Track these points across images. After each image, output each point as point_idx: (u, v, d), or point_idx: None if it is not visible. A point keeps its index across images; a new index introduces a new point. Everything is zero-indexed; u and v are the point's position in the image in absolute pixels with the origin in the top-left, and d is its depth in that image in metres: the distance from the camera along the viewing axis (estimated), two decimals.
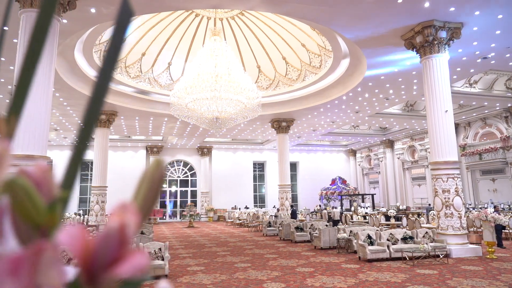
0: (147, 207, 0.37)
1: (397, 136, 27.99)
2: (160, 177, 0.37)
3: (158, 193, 0.37)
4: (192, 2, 9.35)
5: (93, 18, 9.60)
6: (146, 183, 0.37)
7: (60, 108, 17.60)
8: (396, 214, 18.32)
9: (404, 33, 10.78)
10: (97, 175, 17.67)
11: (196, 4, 9.58)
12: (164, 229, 22.35)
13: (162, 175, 0.38)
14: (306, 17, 10.33)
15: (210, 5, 9.75)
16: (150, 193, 0.37)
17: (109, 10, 9.21)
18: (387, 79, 14.60)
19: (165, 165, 0.47)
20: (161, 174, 0.37)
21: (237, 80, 12.38)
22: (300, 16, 10.46)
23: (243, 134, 25.97)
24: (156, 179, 0.37)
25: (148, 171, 0.37)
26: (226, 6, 10.17)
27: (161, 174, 0.37)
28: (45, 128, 7.60)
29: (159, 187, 0.37)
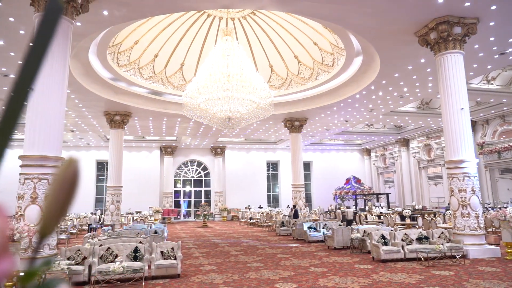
0: (59, 207, 0.35)
1: (413, 135, 27.55)
2: (72, 177, 0.35)
3: (71, 192, 0.35)
4: (203, 2, 9.37)
5: (106, 21, 9.72)
6: (57, 183, 0.35)
7: (75, 110, 17.92)
8: (412, 214, 18.02)
9: (417, 29, 10.58)
10: (112, 175, 17.90)
11: (207, 4, 9.60)
12: (178, 228, 22.53)
13: (75, 174, 0.35)
14: (317, 15, 10.24)
15: (221, 5, 9.76)
16: (61, 193, 0.35)
17: (121, 13, 9.31)
18: (401, 77, 14.37)
19: (78, 164, 0.44)
20: (73, 173, 0.35)
21: (249, 79, 12.35)
22: (311, 14, 10.37)
23: (256, 134, 25.96)
24: (68, 179, 0.35)
25: (60, 170, 0.35)
26: (237, 6, 10.16)
27: (73, 173, 0.35)
28: (59, 129, 7.74)
29: (72, 187, 0.35)
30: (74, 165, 0.33)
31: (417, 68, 13.49)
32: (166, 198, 29.55)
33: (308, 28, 14.70)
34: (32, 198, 7.21)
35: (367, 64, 13.77)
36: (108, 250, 8.10)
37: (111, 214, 17.41)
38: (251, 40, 16.22)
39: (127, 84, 16.11)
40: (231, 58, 12.44)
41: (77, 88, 14.57)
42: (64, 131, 22.94)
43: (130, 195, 26.04)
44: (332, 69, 15.65)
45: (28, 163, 7.33)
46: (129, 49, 14.73)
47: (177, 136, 26.05)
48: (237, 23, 15.31)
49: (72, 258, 7.73)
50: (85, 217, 21.86)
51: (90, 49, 12.23)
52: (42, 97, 7.50)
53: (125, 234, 11.39)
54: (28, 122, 7.49)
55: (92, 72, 13.97)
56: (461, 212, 10.07)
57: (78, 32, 9.89)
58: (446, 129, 10.45)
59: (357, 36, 11.65)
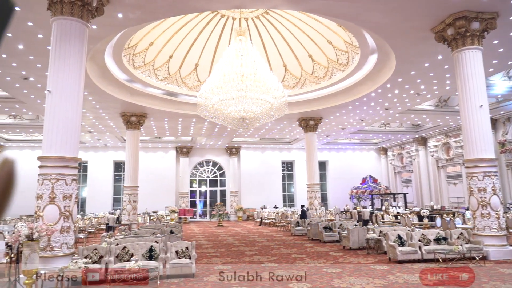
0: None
1: (431, 133, 27.01)
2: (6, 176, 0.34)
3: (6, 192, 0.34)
4: (214, 3, 9.40)
5: (120, 23, 9.85)
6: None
7: (93, 111, 18.25)
8: (430, 214, 17.68)
9: (434, 25, 10.36)
10: (129, 176, 18.17)
11: (219, 4, 9.62)
12: (194, 228, 22.69)
13: (9, 174, 0.35)
14: (331, 13, 10.15)
15: (232, 6, 9.77)
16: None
17: (135, 15, 9.43)
18: (418, 74, 14.11)
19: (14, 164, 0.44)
20: (7, 173, 0.34)
21: (263, 79, 12.33)
22: (325, 12, 10.29)
23: (271, 134, 25.92)
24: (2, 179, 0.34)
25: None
26: (249, 5, 10.15)
27: (8, 173, 0.34)
28: (76, 131, 7.89)
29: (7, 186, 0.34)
30: (9, 165, 0.33)
31: (434, 65, 13.22)
32: (182, 198, 29.81)
33: (322, 27, 14.58)
34: (50, 198, 7.37)
35: (382, 62, 13.57)
36: (124, 249, 8.22)
37: (128, 214, 17.67)
38: (265, 40, 16.20)
39: (143, 86, 16.31)
40: (244, 58, 12.44)
41: (94, 90, 14.83)
42: (82, 132, 23.48)
43: (147, 195, 26.34)
44: (347, 68, 15.49)
45: (46, 164, 7.49)
46: (144, 50, 14.91)
47: (193, 136, 26.24)
48: (251, 23, 15.31)
49: (89, 256, 7.88)
50: (103, 217, 22.24)
51: (106, 52, 12.43)
52: (59, 100, 7.67)
53: (141, 233, 11.53)
54: (46, 124, 7.66)
55: (108, 74, 14.20)
56: (481, 212, 9.82)
57: (94, 35, 10.06)
58: (465, 127, 10.21)
59: (371, 34, 11.49)
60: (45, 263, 7.02)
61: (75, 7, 7.88)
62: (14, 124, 21.95)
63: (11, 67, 12.38)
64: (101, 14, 8.67)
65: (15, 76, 13.18)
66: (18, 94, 15.29)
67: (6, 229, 14.05)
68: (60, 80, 7.75)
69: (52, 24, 7.98)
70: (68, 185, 7.57)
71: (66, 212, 7.48)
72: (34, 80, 13.55)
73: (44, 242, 7.15)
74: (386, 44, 11.73)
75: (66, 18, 7.88)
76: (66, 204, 7.49)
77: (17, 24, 9.53)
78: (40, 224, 6.93)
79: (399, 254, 9.31)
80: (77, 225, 16.87)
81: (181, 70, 17.11)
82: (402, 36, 10.97)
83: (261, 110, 13.06)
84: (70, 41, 7.90)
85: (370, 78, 15.28)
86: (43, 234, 6.75)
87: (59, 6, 7.87)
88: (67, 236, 7.50)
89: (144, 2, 8.86)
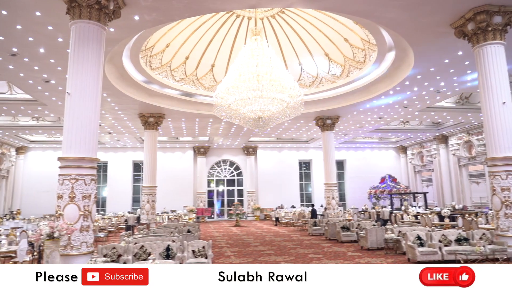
0: None
1: (452, 131, 26.35)
2: None
3: None
4: (229, 3, 9.42)
5: (137, 25, 9.99)
6: None
7: (112, 113, 18.60)
8: (451, 214, 17.26)
9: (453, 21, 10.10)
10: (147, 176, 18.43)
11: (233, 4, 9.63)
12: (211, 227, 22.84)
13: None
14: (346, 10, 10.03)
15: (247, 5, 9.77)
16: None
17: (151, 17, 9.55)
18: (437, 71, 13.79)
19: None
20: None
21: (278, 78, 12.28)
22: (340, 10, 10.18)
23: (288, 133, 25.84)
24: None
25: None
26: (264, 5, 10.13)
27: None
28: (94, 132, 8.05)
29: None
30: None
31: (454, 61, 12.89)
32: (199, 198, 30.06)
33: (338, 25, 14.43)
34: (70, 197, 7.55)
35: (400, 59, 13.33)
36: (141, 248, 8.34)
37: (146, 213, 17.94)
38: (280, 39, 16.15)
39: (160, 87, 16.52)
40: (260, 57, 12.42)
41: (112, 92, 15.11)
42: (102, 133, 23.99)
43: (166, 195, 26.70)
44: (364, 65, 15.29)
45: (66, 165, 7.67)
46: (161, 52, 15.09)
47: (210, 136, 26.41)
48: (266, 23, 15.29)
49: (108, 255, 8.02)
50: (122, 216, 22.65)
51: (124, 54, 12.64)
52: (78, 101, 7.84)
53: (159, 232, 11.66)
54: (66, 125, 7.84)
55: (126, 76, 14.43)
56: (505, 212, 9.53)
57: (111, 37, 10.24)
58: (487, 125, 9.92)
59: (389, 31, 11.30)
60: (65, 261, 7.19)
61: (92, 10, 8.04)
62: (37, 126, 22.59)
63: (33, 71, 12.74)
64: (118, 17, 8.81)
65: (37, 79, 13.55)
66: (40, 96, 15.72)
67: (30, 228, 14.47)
68: (79, 82, 7.92)
69: (71, 27, 8.16)
70: (87, 185, 7.73)
71: (85, 211, 7.64)
72: (55, 83, 13.91)
73: (65, 240, 7.32)
74: (404, 41, 11.51)
75: (84, 21, 8.05)
76: (85, 204, 7.65)
77: (38, 28, 9.80)
78: (60, 223, 7.10)
79: (419, 254, 9.13)
80: (98, 224, 17.23)
81: (198, 70, 17.24)
82: (420, 32, 10.74)
83: (277, 109, 13.02)
84: (88, 44, 8.06)
85: (388, 75, 15.04)
86: (63, 233, 6.91)
87: (77, 10, 8.04)
88: (86, 235, 7.66)
89: (160, 4, 8.96)
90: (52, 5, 8.63)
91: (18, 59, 11.79)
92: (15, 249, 8.63)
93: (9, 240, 9.75)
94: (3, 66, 12.36)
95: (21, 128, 23.06)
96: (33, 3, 8.66)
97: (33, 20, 9.41)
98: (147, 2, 8.82)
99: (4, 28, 9.79)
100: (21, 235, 10.19)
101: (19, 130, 23.63)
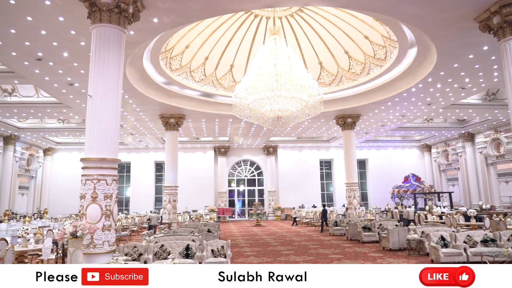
0: None
1: (478, 129, 25.51)
2: None
3: None
4: (247, 3, 9.42)
5: (156, 27, 10.14)
6: None
7: (133, 114, 18.97)
8: (478, 214, 16.72)
9: (478, 14, 9.75)
10: (169, 176, 18.68)
11: (251, 4, 9.62)
12: (232, 227, 22.95)
13: None
14: (364, 7, 9.85)
15: (265, 5, 9.75)
16: None
17: (170, 19, 9.67)
18: (462, 67, 13.38)
19: None
20: None
21: (297, 77, 12.21)
22: (358, 7, 10.02)
23: (308, 132, 25.66)
24: None
25: None
26: (281, 4, 10.08)
27: None
28: (115, 133, 8.21)
29: None
30: None
31: (479, 56, 12.47)
32: (220, 197, 30.26)
33: (357, 22, 14.21)
34: (92, 197, 7.73)
35: (422, 55, 13.01)
36: (162, 247, 8.46)
37: (168, 213, 18.20)
38: (299, 38, 16.05)
39: (180, 88, 16.72)
40: (279, 57, 12.38)
41: (134, 94, 15.40)
42: (125, 134, 24.50)
43: (187, 195, 26.98)
44: (385, 63, 15.00)
45: (88, 165, 7.86)
46: (180, 53, 15.26)
47: (230, 136, 26.53)
48: (285, 22, 15.22)
49: (129, 254, 8.18)
50: (145, 216, 23.05)
51: (144, 56, 12.86)
52: (99, 103, 8.02)
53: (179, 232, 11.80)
54: (88, 127, 8.05)
55: (147, 78, 14.68)
56: None
57: (131, 40, 10.44)
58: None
59: (410, 27, 11.03)
60: (88, 259, 7.37)
61: (112, 14, 8.21)
62: (63, 128, 23.32)
63: (58, 74, 13.14)
64: (137, 20, 8.96)
65: (61, 82, 13.97)
66: (65, 99, 16.20)
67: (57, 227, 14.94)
68: (100, 84, 8.11)
69: (92, 31, 8.36)
70: (109, 185, 7.90)
71: (107, 211, 7.80)
72: (79, 86, 14.29)
73: (87, 239, 7.50)
74: (426, 37, 11.22)
75: (104, 25, 8.23)
76: (107, 204, 7.82)
77: (62, 33, 10.10)
78: (83, 222, 7.29)
79: (442, 256, 8.89)
80: (120, 223, 17.61)
81: (217, 71, 17.35)
82: (442, 27, 10.43)
83: (296, 108, 12.95)
84: (109, 46, 8.23)
85: (410, 72, 14.70)
86: (86, 232, 7.09)
87: (97, 14, 8.22)
88: (108, 234, 7.82)
89: (178, 5, 9.06)
90: (74, 10, 8.86)
91: (43, 64, 12.18)
92: (41, 248, 8.92)
93: (36, 239, 10.08)
94: (30, 71, 12.80)
95: (48, 130, 23.85)
96: (56, 8, 8.92)
97: (57, 25, 9.70)
98: (165, 4, 8.94)
99: (29, 33, 10.14)
100: (47, 234, 10.52)
101: (46, 132, 24.45)
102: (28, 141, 26.23)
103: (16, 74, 13.26)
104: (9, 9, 8.86)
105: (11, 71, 13.11)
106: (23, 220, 17.77)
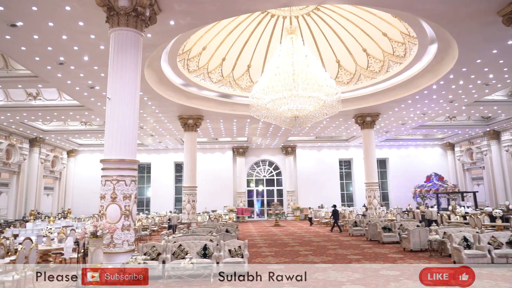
0: None
1: (504, 126, 24.67)
2: None
3: None
4: (263, 3, 9.40)
5: (173, 30, 10.27)
6: None
7: (153, 115, 19.25)
8: (504, 214, 16.17)
9: (501, 8, 9.43)
10: (188, 176, 18.88)
11: (267, 4, 9.60)
12: (251, 227, 22.98)
13: None
14: (382, 4, 9.69)
15: (281, 4, 9.72)
16: None
17: (186, 21, 9.76)
18: (485, 62, 12.97)
19: None
20: None
21: (314, 77, 12.12)
22: (375, 4, 9.87)
23: (327, 132, 25.43)
24: None
25: None
26: (297, 3, 10.03)
27: None
28: (133, 134, 8.36)
29: None
30: None
31: (504, 51, 12.06)
32: (239, 198, 30.34)
33: (375, 19, 13.99)
34: (112, 198, 7.89)
35: (443, 51, 12.69)
36: (179, 247, 8.55)
37: (187, 213, 18.38)
38: (316, 37, 15.93)
39: (198, 89, 16.87)
40: (296, 56, 12.32)
41: (153, 96, 15.64)
42: (145, 135, 24.90)
43: (206, 195, 27.20)
44: (404, 60, 14.70)
45: (107, 166, 8.03)
46: (197, 55, 15.39)
47: (248, 136, 26.58)
48: (302, 21, 15.14)
49: (148, 253, 8.30)
50: (165, 216, 23.35)
51: (162, 58, 13.04)
52: (118, 106, 8.19)
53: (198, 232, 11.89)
54: (107, 128, 8.22)
55: (165, 79, 14.88)
56: None
57: (149, 43, 10.60)
58: None
59: (429, 23, 10.78)
60: (108, 258, 7.53)
61: (129, 18, 8.36)
62: (85, 130, 23.92)
63: (79, 78, 13.47)
64: (154, 23, 9.10)
65: (83, 85, 14.32)
66: (86, 102, 16.60)
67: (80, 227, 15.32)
68: (118, 87, 8.27)
69: (110, 35, 8.54)
70: (128, 185, 8.04)
71: (126, 211, 7.95)
72: (99, 89, 14.62)
73: (108, 239, 7.66)
74: (447, 32, 10.93)
75: (122, 29, 8.39)
76: (126, 204, 7.97)
77: (82, 37, 10.35)
78: (103, 222, 7.45)
79: (465, 257, 8.63)
80: (141, 223, 17.89)
81: (234, 71, 17.42)
82: (463, 22, 10.15)
83: (314, 108, 12.86)
84: (126, 49, 8.39)
85: (431, 69, 14.37)
86: (106, 232, 7.24)
87: (115, 18, 8.39)
88: (127, 233, 7.97)
89: (194, 7, 9.14)
90: (93, 15, 9.07)
91: (65, 67, 12.52)
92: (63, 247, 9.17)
93: (60, 238, 10.37)
94: (53, 75, 13.18)
95: (71, 132, 24.52)
96: (76, 13, 9.15)
97: (77, 30, 9.95)
98: (181, 6, 9.04)
99: (51, 38, 10.44)
100: (69, 234, 10.81)
101: (69, 134, 25.13)
102: (53, 143, 27.02)
103: (40, 78, 13.67)
104: (31, 15, 9.15)
105: (35, 75, 13.52)
106: (47, 220, 18.30)
